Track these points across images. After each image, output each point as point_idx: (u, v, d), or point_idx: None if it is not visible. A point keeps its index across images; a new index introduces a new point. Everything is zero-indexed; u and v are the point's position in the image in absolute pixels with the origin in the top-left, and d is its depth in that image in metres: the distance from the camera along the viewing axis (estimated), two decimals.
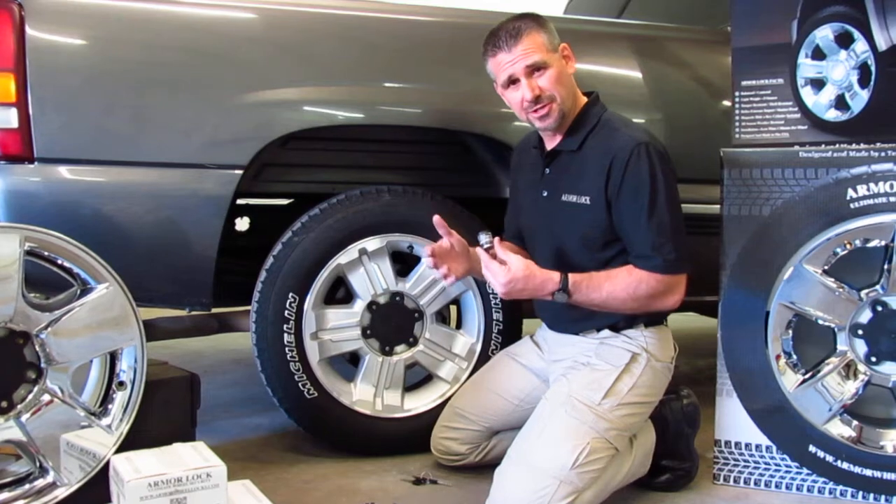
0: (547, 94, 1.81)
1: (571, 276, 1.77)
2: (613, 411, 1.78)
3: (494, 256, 1.74)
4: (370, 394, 2.17)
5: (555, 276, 1.76)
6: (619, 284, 1.78)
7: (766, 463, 2.00)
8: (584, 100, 1.91)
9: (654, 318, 1.89)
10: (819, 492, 1.97)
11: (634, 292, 1.78)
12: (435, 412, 2.15)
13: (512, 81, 1.83)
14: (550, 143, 1.92)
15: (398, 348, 2.19)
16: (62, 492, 1.66)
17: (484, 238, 1.76)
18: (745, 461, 2.02)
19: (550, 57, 1.81)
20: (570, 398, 1.78)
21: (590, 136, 1.86)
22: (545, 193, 1.92)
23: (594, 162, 1.83)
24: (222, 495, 1.52)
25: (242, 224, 2.61)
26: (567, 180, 1.88)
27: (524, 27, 1.81)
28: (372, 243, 2.12)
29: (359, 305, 2.14)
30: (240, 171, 1.97)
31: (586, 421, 1.75)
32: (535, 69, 1.80)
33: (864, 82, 2.00)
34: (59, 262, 1.67)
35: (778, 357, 1.97)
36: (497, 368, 2.09)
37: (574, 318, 1.89)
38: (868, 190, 1.89)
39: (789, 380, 1.97)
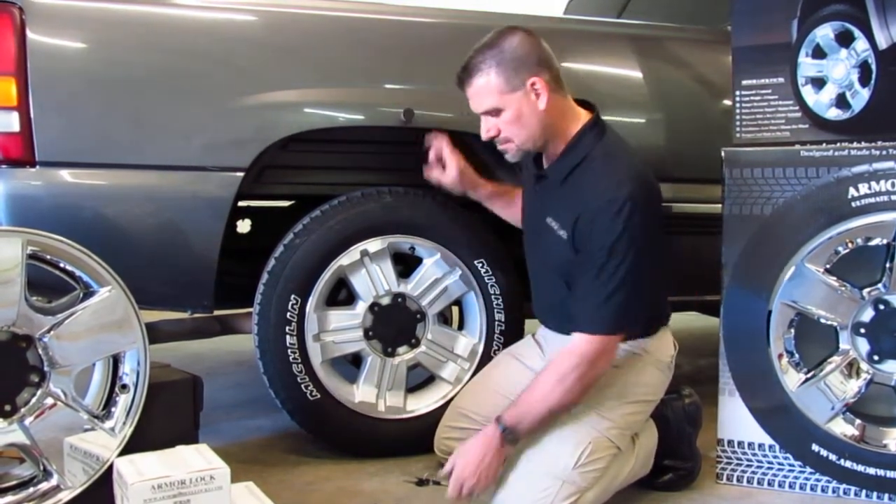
0: (502, 136, 1.77)
1: (505, 414, 1.70)
2: (614, 410, 1.78)
3: None
4: (373, 395, 2.17)
5: (488, 428, 1.71)
6: (545, 388, 1.69)
7: (768, 462, 2.00)
8: (581, 122, 1.79)
9: (652, 323, 1.88)
10: (822, 491, 1.97)
11: (566, 385, 1.68)
12: (437, 413, 2.14)
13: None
14: (543, 160, 1.87)
15: (400, 349, 2.19)
16: (66, 495, 1.66)
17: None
18: (747, 460, 2.02)
19: (505, 99, 1.72)
20: None
21: (574, 172, 1.78)
22: (537, 204, 1.90)
23: (570, 204, 1.76)
24: (225, 497, 1.52)
25: (244, 226, 2.62)
26: (551, 205, 1.84)
27: (478, 69, 1.72)
28: (373, 244, 2.11)
29: (361, 307, 2.14)
30: (241, 174, 1.97)
31: (587, 420, 1.75)
32: (488, 112, 1.76)
33: (864, 81, 2.00)
34: (62, 265, 1.67)
35: (780, 356, 1.97)
36: (500, 368, 2.09)
37: (571, 316, 1.89)
38: (869, 188, 1.89)
39: (792, 379, 1.97)
